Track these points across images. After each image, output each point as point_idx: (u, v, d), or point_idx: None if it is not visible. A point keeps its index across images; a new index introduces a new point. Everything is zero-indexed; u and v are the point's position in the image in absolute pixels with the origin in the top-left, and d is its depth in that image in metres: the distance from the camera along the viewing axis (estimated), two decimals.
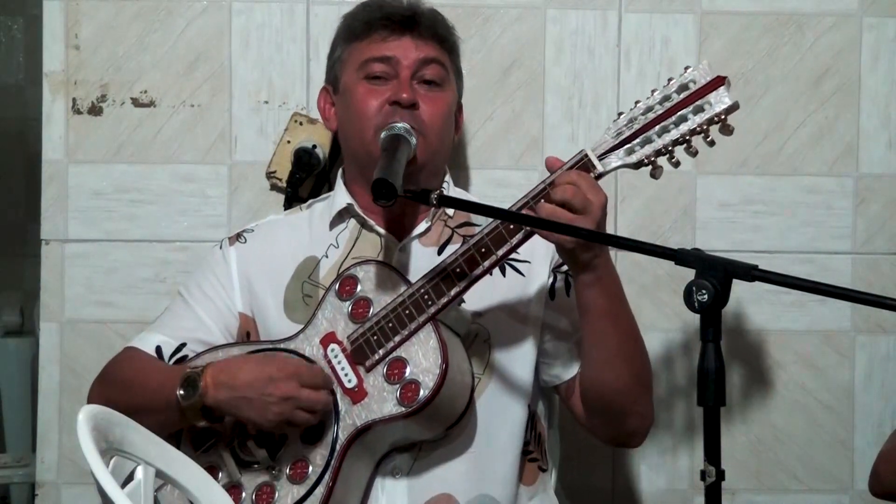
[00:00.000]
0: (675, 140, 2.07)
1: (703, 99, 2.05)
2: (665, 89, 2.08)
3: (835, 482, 2.78)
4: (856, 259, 2.77)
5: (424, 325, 2.14)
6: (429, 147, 2.26)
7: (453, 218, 2.35)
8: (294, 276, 2.32)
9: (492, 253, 2.11)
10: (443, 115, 2.30)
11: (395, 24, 2.29)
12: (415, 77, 2.28)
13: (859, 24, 2.76)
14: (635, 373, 2.21)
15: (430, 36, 2.31)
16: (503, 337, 2.27)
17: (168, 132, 2.72)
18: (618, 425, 2.28)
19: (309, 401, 2.13)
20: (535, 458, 2.31)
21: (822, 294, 1.82)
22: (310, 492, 2.14)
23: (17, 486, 3.78)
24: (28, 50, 4.61)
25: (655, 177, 2.09)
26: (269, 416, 2.13)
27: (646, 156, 2.08)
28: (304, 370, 2.16)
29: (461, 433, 2.22)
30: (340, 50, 2.36)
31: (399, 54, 2.28)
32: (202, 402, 2.13)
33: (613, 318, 2.15)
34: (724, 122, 2.05)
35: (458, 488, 2.21)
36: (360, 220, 2.33)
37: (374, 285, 2.20)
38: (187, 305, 2.34)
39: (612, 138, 2.10)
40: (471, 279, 2.13)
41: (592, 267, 2.10)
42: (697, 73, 2.06)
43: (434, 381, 2.10)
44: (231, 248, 2.37)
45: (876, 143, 2.77)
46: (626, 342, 2.19)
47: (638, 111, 2.09)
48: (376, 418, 2.13)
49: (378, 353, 2.16)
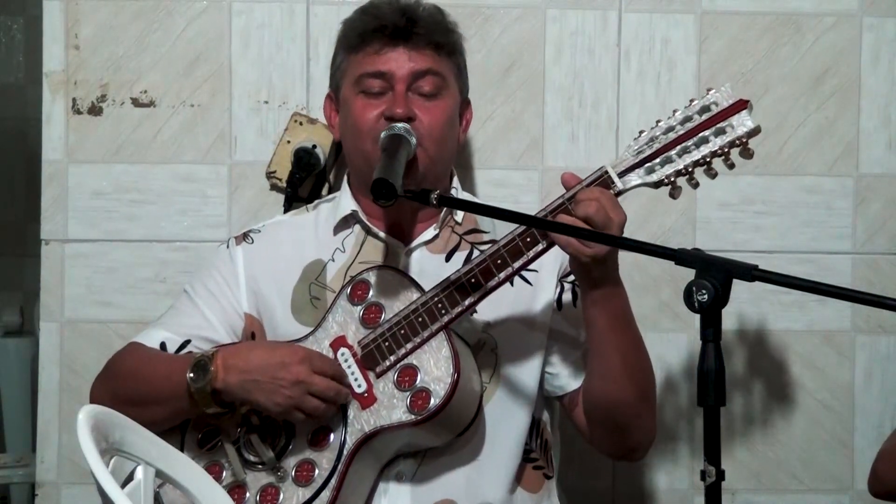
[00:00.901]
0: (695, 161, 2.07)
1: (726, 122, 2.06)
2: (686, 110, 2.09)
3: (835, 482, 2.78)
4: (856, 259, 2.77)
5: (437, 334, 2.13)
6: (428, 157, 2.25)
7: (461, 224, 2.34)
8: (301, 278, 2.31)
9: (508, 265, 2.11)
10: (441, 123, 2.28)
11: (389, 34, 2.27)
12: (410, 89, 2.26)
13: (859, 24, 2.76)
14: (639, 389, 2.21)
15: (425, 44, 2.28)
16: (511, 346, 2.27)
17: (168, 132, 2.72)
18: (620, 439, 2.28)
19: (319, 387, 2.12)
20: (541, 465, 2.31)
21: (822, 294, 1.82)
22: (315, 495, 2.13)
23: (17, 486, 3.78)
24: (28, 50, 4.61)
25: (674, 197, 2.10)
26: (278, 399, 2.12)
27: (666, 175, 2.08)
28: (316, 356, 2.16)
29: (467, 441, 2.21)
30: (341, 59, 2.34)
31: (393, 68, 2.26)
32: (212, 386, 2.12)
33: (618, 335, 2.15)
34: (746, 146, 2.06)
35: (460, 494, 2.21)
36: (364, 226, 2.33)
37: (386, 291, 2.20)
38: (192, 303, 2.33)
39: (633, 156, 2.10)
40: (485, 290, 2.13)
41: (603, 284, 2.10)
42: (720, 95, 2.07)
43: (445, 390, 2.10)
44: (238, 247, 2.36)
45: (876, 143, 2.77)
46: (631, 359, 2.18)
47: (659, 130, 2.09)
48: (385, 425, 2.13)
49: (389, 360, 2.15)
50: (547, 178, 2.74)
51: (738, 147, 2.06)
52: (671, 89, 2.74)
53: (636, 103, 2.74)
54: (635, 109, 2.75)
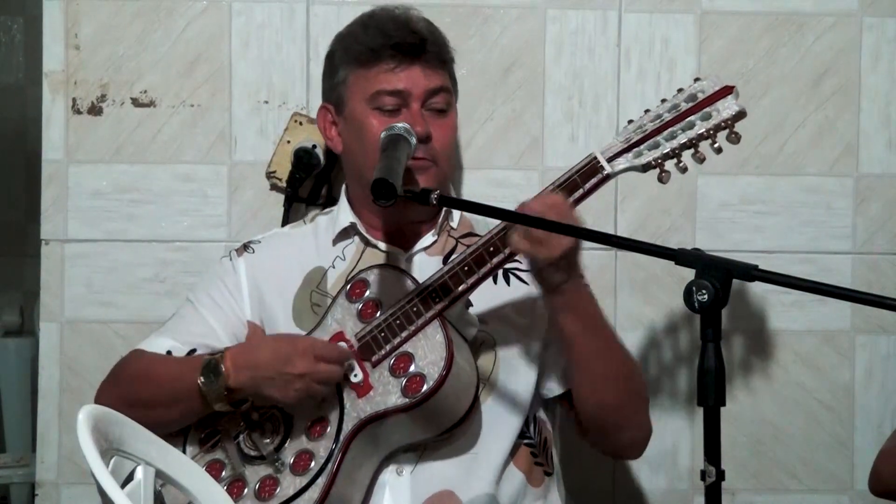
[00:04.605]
0: (682, 144, 2.12)
1: (712, 106, 2.11)
2: (674, 99, 2.14)
3: (835, 482, 2.78)
4: (856, 259, 2.77)
5: (431, 322, 2.16)
6: (440, 174, 2.30)
7: (457, 229, 2.37)
8: (302, 286, 2.34)
9: (500, 251, 2.14)
10: (451, 140, 2.35)
11: (403, 52, 2.29)
12: (424, 106, 2.30)
13: (859, 24, 2.76)
14: (624, 390, 2.24)
15: (437, 62, 2.33)
16: (508, 343, 2.29)
17: (168, 132, 2.72)
18: (614, 439, 2.30)
19: (326, 374, 2.16)
20: (541, 462, 2.32)
21: (822, 294, 1.82)
22: (312, 481, 2.16)
23: (17, 486, 3.79)
24: (28, 50, 4.62)
25: (663, 181, 2.13)
26: (290, 392, 2.16)
27: (654, 158, 2.12)
28: (319, 345, 2.19)
29: (465, 434, 2.23)
30: (345, 73, 2.34)
31: (409, 86, 2.29)
32: (225, 386, 2.16)
33: (592, 339, 2.17)
34: (732, 129, 2.10)
35: (460, 486, 2.22)
36: (363, 238, 2.35)
37: (384, 288, 2.22)
38: (196, 312, 2.35)
39: (621, 143, 2.14)
40: (479, 276, 2.15)
41: (562, 291, 2.13)
42: (707, 83, 2.13)
43: (439, 372, 2.12)
44: (240, 258, 2.39)
45: (876, 143, 2.77)
46: (611, 361, 2.20)
47: (647, 119, 2.15)
48: (380, 410, 2.15)
49: (385, 349, 2.18)
50: (547, 179, 2.72)
51: (725, 130, 2.11)
52: (671, 89, 2.70)
53: (636, 103, 2.74)
54: (635, 109, 2.72)
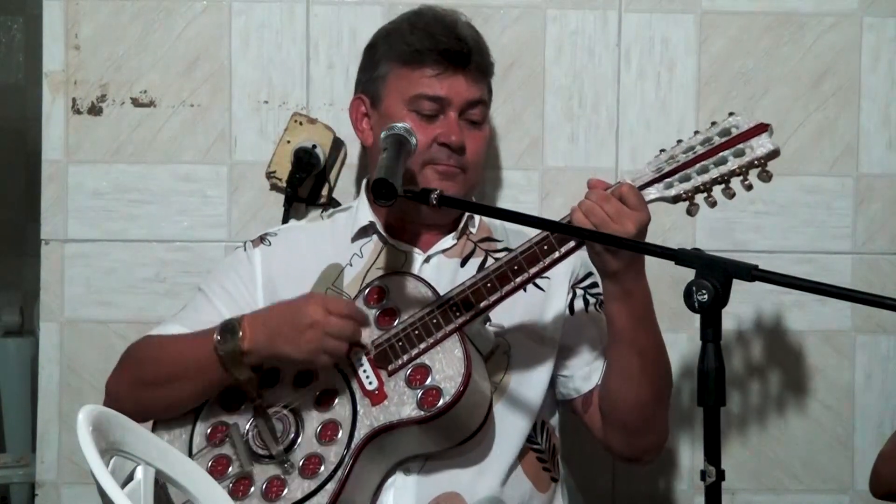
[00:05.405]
0: (713, 179, 2.10)
1: (745, 143, 2.08)
2: (707, 132, 2.12)
3: (835, 482, 2.78)
4: (856, 259, 2.77)
5: (451, 335, 2.15)
6: (468, 183, 2.33)
7: (475, 233, 2.38)
8: (318, 282, 2.33)
9: (524, 271, 2.13)
10: (482, 152, 2.36)
11: (449, 59, 2.30)
12: (461, 115, 2.31)
13: (859, 24, 2.76)
14: (656, 390, 2.23)
15: (479, 74, 2.35)
16: (522, 349, 2.29)
17: (168, 132, 2.72)
18: (634, 441, 2.29)
19: (336, 327, 2.13)
20: (548, 468, 2.32)
21: (822, 294, 1.82)
22: (321, 486, 2.14)
23: (17, 486, 3.78)
24: (28, 50, 4.61)
25: (692, 214, 2.13)
26: (302, 345, 2.13)
27: (684, 191, 2.11)
28: (332, 300, 2.19)
29: (475, 444, 2.22)
30: (386, 69, 2.35)
31: (451, 94, 2.30)
32: (241, 346, 2.15)
33: (639, 334, 2.17)
34: (765, 168, 2.08)
35: (466, 488, 2.22)
36: (382, 237, 2.35)
37: (402, 295, 2.22)
38: (208, 300, 2.34)
39: (652, 172, 2.13)
40: (501, 294, 2.14)
41: (620, 280, 2.12)
42: (741, 118, 2.10)
43: (456, 388, 2.11)
44: (255, 249, 2.38)
45: (876, 143, 2.77)
46: (650, 360, 2.20)
47: (679, 149, 2.13)
48: (394, 420, 2.14)
49: (402, 359, 2.17)
50: (547, 178, 2.74)
51: (757, 168, 2.08)
52: (671, 89, 2.75)
53: (636, 103, 2.74)
54: (635, 109, 2.75)
